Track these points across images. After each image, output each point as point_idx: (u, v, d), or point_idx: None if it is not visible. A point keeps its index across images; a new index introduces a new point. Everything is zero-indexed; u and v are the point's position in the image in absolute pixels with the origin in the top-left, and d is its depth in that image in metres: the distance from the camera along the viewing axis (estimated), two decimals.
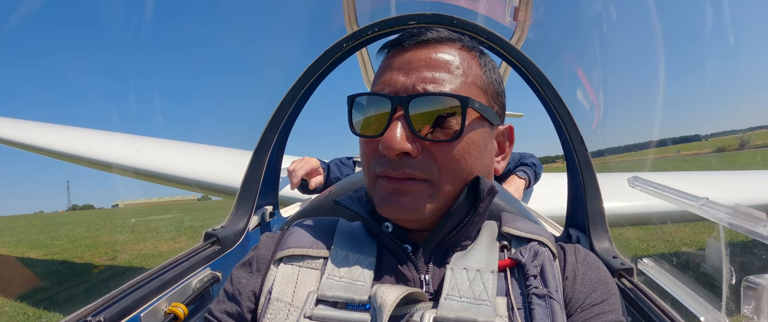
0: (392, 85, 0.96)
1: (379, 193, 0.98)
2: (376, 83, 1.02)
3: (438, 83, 0.95)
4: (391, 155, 0.92)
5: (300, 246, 1.02)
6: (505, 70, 3.91)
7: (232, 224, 1.75)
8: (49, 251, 14.84)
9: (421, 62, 0.97)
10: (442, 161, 0.94)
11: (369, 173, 1.01)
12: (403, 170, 0.93)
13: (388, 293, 0.85)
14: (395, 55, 1.02)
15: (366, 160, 1.01)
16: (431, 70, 0.96)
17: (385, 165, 0.94)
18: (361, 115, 1.01)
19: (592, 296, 0.93)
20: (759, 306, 0.77)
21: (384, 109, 0.95)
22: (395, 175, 0.94)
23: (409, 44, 1.01)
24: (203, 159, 5.45)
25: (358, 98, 1.01)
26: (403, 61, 0.99)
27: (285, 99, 1.82)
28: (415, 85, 0.94)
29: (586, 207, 1.59)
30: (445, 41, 1.02)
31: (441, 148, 0.94)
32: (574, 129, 1.61)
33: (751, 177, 5.75)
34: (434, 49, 1.00)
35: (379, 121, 0.97)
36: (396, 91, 0.95)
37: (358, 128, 1.01)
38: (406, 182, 0.94)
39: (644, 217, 4.54)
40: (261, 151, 1.84)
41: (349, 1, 2.33)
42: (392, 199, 0.96)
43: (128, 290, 1.21)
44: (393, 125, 0.92)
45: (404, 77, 0.96)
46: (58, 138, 5.97)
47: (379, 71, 1.05)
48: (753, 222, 0.85)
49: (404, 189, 0.94)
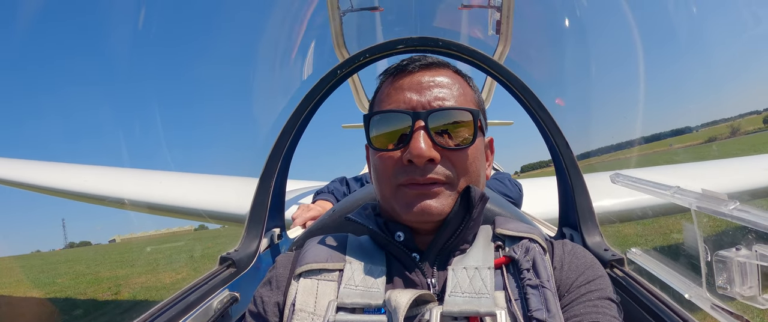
0: (407, 102, 1.10)
1: (403, 200, 1.09)
2: (388, 103, 1.14)
3: (448, 100, 1.09)
4: (421, 162, 1.04)
5: (317, 261, 1.13)
6: (492, 84, 4.03)
7: (244, 247, 1.82)
8: (51, 290, 14.75)
9: (430, 83, 1.11)
10: (459, 165, 1.08)
11: (390, 183, 1.11)
12: (429, 176, 1.05)
13: (401, 297, 0.95)
14: (401, 77, 1.15)
15: (387, 172, 1.11)
16: (441, 89, 1.11)
17: (411, 173, 1.06)
18: (380, 132, 1.13)
19: (579, 279, 1.05)
20: (730, 276, 0.88)
21: (404, 123, 1.08)
22: (422, 180, 1.06)
23: (413, 68, 1.15)
24: (205, 188, 5.51)
25: (374, 117, 1.13)
26: (413, 82, 1.13)
27: (286, 126, 1.90)
28: (430, 102, 1.08)
29: (576, 206, 1.69)
30: (442, 65, 1.18)
31: (457, 154, 1.08)
32: (559, 135, 1.71)
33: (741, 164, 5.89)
34: (435, 72, 1.15)
35: (398, 136, 1.09)
36: (412, 107, 1.09)
37: (378, 143, 1.12)
38: (432, 185, 1.06)
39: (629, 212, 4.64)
40: (266, 176, 1.92)
41: (338, 29, 2.44)
42: (417, 201, 1.07)
43: (156, 314, 1.29)
44: (417, 136, 1.04)
45: (418, 96, 1.10)
46: (55, 175, 6.01)
47: (387, 93, 1.17)
48: (717, 203, 0.95)
49: (429, 192, 1.06)
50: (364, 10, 2.56)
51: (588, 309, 0.99)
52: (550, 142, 1.74)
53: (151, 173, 6.31)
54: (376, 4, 2.61)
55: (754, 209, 0.85)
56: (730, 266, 0.87)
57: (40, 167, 6.52)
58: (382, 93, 1.19)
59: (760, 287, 0.82)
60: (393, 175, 1.09)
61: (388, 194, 1.12)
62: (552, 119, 1.71)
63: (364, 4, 2.54)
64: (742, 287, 0.85)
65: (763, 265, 0.81)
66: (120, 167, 6.60)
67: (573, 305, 1.01)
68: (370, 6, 2.58)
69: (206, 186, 5.68)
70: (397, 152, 1.08)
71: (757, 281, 0.82)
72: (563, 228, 1.86)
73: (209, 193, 5.36)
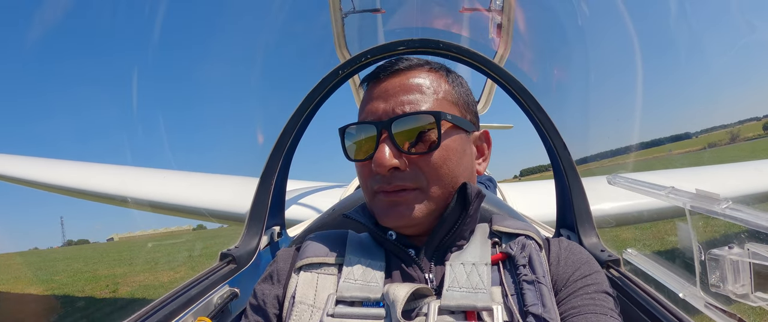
0: (374, 112, 1.12)
1: (378, 207, 1.13)
2: (361, 113, 1.18)
3: (414, 104, 1.10)
4: (383, 171, 1.06)
5: (317, 255, 1.16)
6: (492, 87, 4.05)
7: (244, 244, 1.84)
8: (49, 287, 14.75)
9: (397, 89, 1.13)
10: (427, 170, 1.08)
11: (368, 190, 1.15)
12: (396, 183, 1.08)
13: (399, 290, 0.98)
14: (373, 86, 1.18)
15: (363, 180, 1.16)
16: (406, 94, 1.11)
17: (380, 181, 1.09)
18: (352, 142, 1.17)
19: (575, 274, 1.07)
20: (723, 275, 0.90)
21: (370, 133, 1.11)
22: (389, 188, 1.08)
23: (384, 75, 1.17)
24: (207, 187, 5.53)
25: (347, 129, 1.17)
26: (381, 90, 1.15)
27: (287, 126, 1.92)
28: (394, 109, 1.10)
29: (573, 207, 1.71)
30: (414, 67, 1.18)
31: (424, 158, 1.08)
32: (558, 137, 1.73)
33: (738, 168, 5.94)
34: (406, 76, 1.15)
35: (368, 145, 1.12)
36: (379, 117, 1.11)
37: (352, 154, 1.17)
38: (400, 193, 1.08)
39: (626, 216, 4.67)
40: (267, 175, 1.94)
41: (339, 31, 2.45)
42: (390, 210, 1.10)
43: (158, 306, 1.32)
44: (381, 146, 1.07)
45: (384, 104, 1.11)
46: (58, 172, 6.01)
47: (362, 103, 1.20)
48: (711, 203, 0.97)
49: (399, 200, 1.08)
50: (366, 11, 2.57)
51: (585, 302, 1.01)
52: (548, 143, 1.76)
53: (154, 171, 6.34)
54: (378, 6, 2.62)
55: (747, 208, 0.87)
56: (723, 265, 0.89)
57: (42, 163, 6.53)
58: (361, 103, 1.22)
59: (752, 285, 0.84)
60: (368, 183, 1.13)
61: (368, 200, 1.18)
62: (550, 121, 1.73)
63: (365, 5, 2.56)
64: (735, 284, 0.86)
65: (755, 263, 0.83)
66: (123, 165, 6.61)
67: (570, 298, 1.03)
68: (371, 8, 2.60)
69: (208, 185, 5.71)
70: (368, 162, 1.11)
71: (749, 279, 0.84)
72: (560, 229, 1.88)
73: (211, 192, 5.39)
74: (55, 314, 11.05)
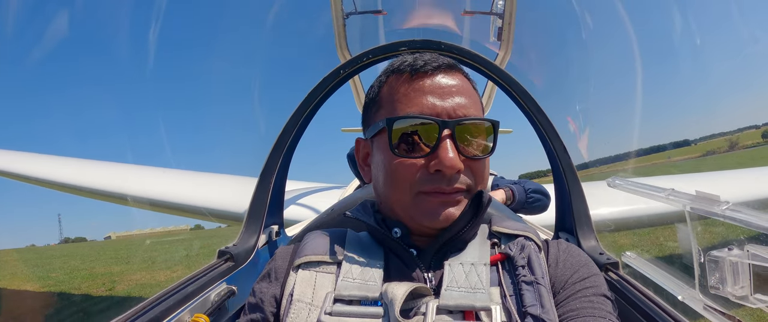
0: (431, 108, 1.07)
1: (424, 208, 1.08)
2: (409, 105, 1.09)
3: (468, 108, 1.08)
4: (451, 173, 1.04)
5: (316, 253, 1.15)
6: (492, 89, 4.05)
7: (242, 242, 1.83)
8: (46, 284, 14.72)
9: (452, 88, 1.10)
10: (478, 174, 1.09)
11: (410, 190, 1.08)
12: (455, 186, 1.06)
13: (397, 289, 0.97)
14: (419, 78, 1.11)
15: (408, 179, 1.07)
16: (461, 96, 1.09)
17: (438, 182, 1.05)
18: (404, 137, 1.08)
19: (574, 276, 1.07)
20: (722, 276, 0.89)
21: (432, 130, 1.05)
22: (449, 190, 1.06)
23: (430, 69, 1.11)
24: (206, 186, 5.53)
25: (398, 121, 1.07)
26: (434, 85, 1.10)
27: (287, 124, 1.91)
28: (455, 110, 1.07)
29: (572, 210, 1.71)
30: (455, 68, 1.16)
31: (478, 163, 1.09)
32: (558, 140, 1.73)
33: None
34: (451, 76, 1.12)
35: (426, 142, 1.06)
36: (437, 114, 1.06)
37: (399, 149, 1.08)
38: (455, 194, 1.07)
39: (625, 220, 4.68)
40: (267, 173, 1.93)
41: (340, 31, 2.45)
42: (440, 210, 1.07)
43: (155, 302, 1.31)
44: (446, 145, 1.03)
45: (441, 101, 1.07)
46: (58, 169, 6.00)
47: (405, 93, 1.11)
48: (711, 204, 0.97)
49: (453, 201, 1.07)
50: (368, 13, 2.57)
51: (584, 304, 1.01)
52: (548, 146, 1.76)
53: (154, 169, 6.33)
54: (380, 7, 2.63)
55: (747, 209, 0.87)
56: (723, 266, 0.88)
57: (41, 159, 6.52)
58: (397, 92, 1.13)
59: (751, 287, 0.84)
60: (416, 182, 1.07)
61: (407, 200, 1.09)
62: (551, 124, 1.73)
63: (367, 7, 2.56)
64: (734, 286, 0.86)
65: (755, 264, 0.83)
66: (123, 163, 6.62)
67: (568, 301, 1.03)
68: (373, 9, 2.60)
69: (208, 184, 5.70)
70: (421, 160, 1.06)
71: (748, 281, 0.84)
72: (559, 232, 1.88)
73: (211, 191, 5.38)
74: (52, 308, 11.04)
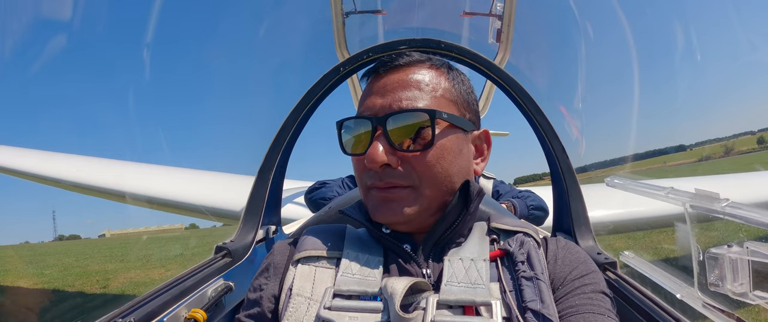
0: (371, 107, 1.12)
1: (370, 202, 1.14)
2: (360, 107, 1.17)
3: (410, 101, 1.09)
4: (375, 167, 1.07)
5: (315, 248, 1.15)
6: (491, 89, 4.06)
7: (240, 238, 1.83)
8: (39, 281, 14.66)
9: (395, 84, 1.12)
10: (420, 168, 1.08)
11: (362, 185, 1.16)
12: (388, 180, 1.08)
13: (397, 284, 0.97)
14: (373, 81, 1.18)
15: (358, 175, 1.16)
16: (404, 90, 1.10)
17: (373, 177, 1.10)
18: (349, 137, 1.16)
19: (572, 273, 1.07)
20: (722, 273, 0.90)
21: (366, 129, 1.11)
22: (381, 184, 1.09)
23: (384, 70, 1.16)
24: (204, 184, 5.52)
25: (345, 122, 1.16)
26: (380, 85, 1.14)
27: (286, 121, 1.91)
28: (390, 105, 1.09)
29: (570, 211, 1.71)
30: (415, 63, 1.17)
31: (417, 157, 1.08)
32: (556, 140, 1.73)
33: None
34: (406, 72, 1.15)
35: (363, 140, 1.12)
36: (375, 112, 1.10)
37: (348, 148, 1.16)
38: (391, 190, 1.09)
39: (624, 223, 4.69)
40: (265, 170, 1.93)
41: (340, 30, 2.45)
42: (381, 206, 1.10)
43: (152, 296, 1.30)
44: (374, 142, 1.07)
45: (381, 99, 1.11)
46: (54, 165, 5.97)
47: (362, 97, 1.19)
48: (711, 202, 0.98)
49: (390, 197, 1.09)
50: (367, 12, 2.57)
51: (583, 301, 1.01)
52: (547, 146, 1.77)
53: (152, 166, 6.32)
54: (379, 7, 2.63)
55: (747, 206, 0.87)
56: (722, 263, 0.89)
57: (37, 155, 6.48)
58: (360, 97, 1.21)
59: (751, 284, 0.85)
60: (362, 178, 1.14)
61: (362, 195, 1.18)
62: (549, 124, 1.74)
63: (367, 6, 2.56)
64: (734, 283, 0.87)
65: (755, 261, 0.84)
66: (120, 160, 6.60)
67: (567, 297, 1.03)
68: (372, 9, 2.60)
69: (205, 182, 5.69)
70: (363, 157, 1.11)
71: (748, 278, 0.85)
72: (557, 233, 1.88)
73: (208, 188, 5.37)
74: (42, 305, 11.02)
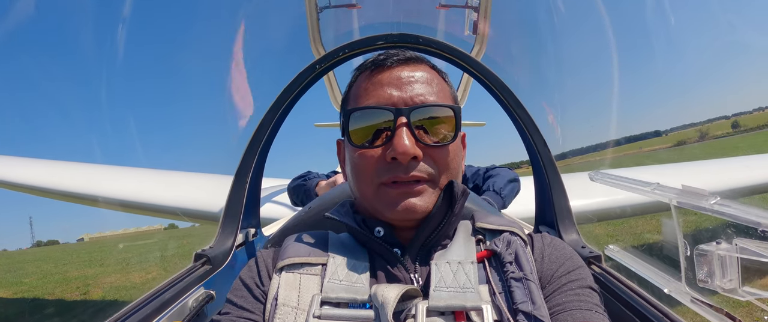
0: (389, 99, 1.07)
1: (386, 199, 1.07)
2: (366, 98, 1.11)
3: (428, 96, 1.08)
4: (405, 160, 1.03)
5: (299, 255, 1.11)
6: (467, 82, 4.05)
7: (219, 244, 1.78)
8: (18, 290, 14.40)
9: (410, 79, 1.09)
10: (440, 162, 1.07)
11: (371, 182, 1.09)
12: (413, 173, 1.04)
13: (388, 291, 0.94)
14: (379, 72, 1.13)
15: (368, 170, 1.08)
16: (420, 85, 1.09)
17: (395, 170, 1.04)
18: (361, 127, 1.09)
19: (559, 270, 1.06)
20: (711, 270, 0.89)
21: (386, 119, 1.06)
22: (405, 178, 1.04)
23: (391, 63, 1.12)
24: (180, 186, 5.44)
25: (355, 112, 1.09)
26: (392, 77, 1.10)
27: (263, 121, 1.87)
28: (412, 98, 1.06)
29: (553, 204, 1.70)
30: (420, 60, 1.16)
31: (439, 150, 1.07)
32: (537, 133, 1.72)
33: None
34: (413, 68, 1.12)
35: (382, 132, 1.07)
36: (393, 103, 1.06)
37: (357, 140, 1.10)
38: (415, 184, 1.05)
39: (606, 211, 4.73)
40: (242, 172, 1.88)
41: (314, 26, 2.42)
42: (401, 200, 1.05)
43: (131, 311, 1.25)
44: (400, 133, 1.03)
45: (398, 92, 1.07)
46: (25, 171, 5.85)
47: (365, 88, 1.13)
48: (698, 198, 0.97)
49: (413, 191, 1.05)
50: (341, 7, 2.54)
51: (570, 298, 1.00)
52: (528, 140, 1.75)
53: (125, 169, 6.22)
54: (354, 1, 2.60)
55: (735, 203, 0.87)
56: (711, 260, 0.88)
57: (9, 162, 6.33)
58: (358, 88, 1.16)
59: (739, 280, 0.84)
60: (375, 173, 1.07)
61: (370, 192, 1.10)
62: (530, 117, 1.72)
63: (341, 1, 2.53)
64: (723, 279, 0.86)
65: (743, 257, 0.83)
66: (93, 164, 6.46)
67: (555, 294, 1.02)
68: (347, 3, 2.57)
69: (181, 184, 5.61)
70: (379, 150, 1.06)
71: (737, 274, 0.84)
72: (539, 226, 1.88)
73: (184, 190, 5.29)
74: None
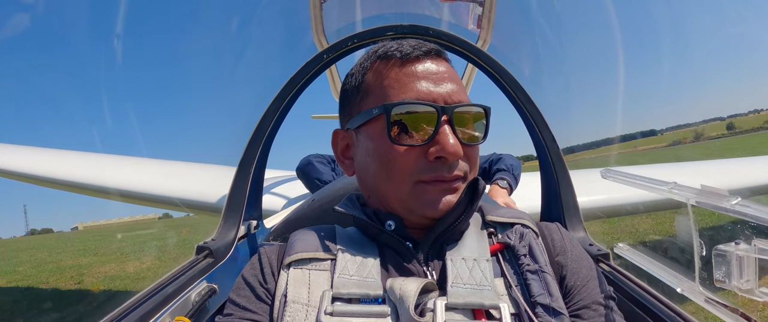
0: (429, 95, 1.02)
1: (424, 198, 1.03)
2: (403, 91, 1.04)
3: (461, 94, 1.05)
4: (454, 159, 1.00)
5: (307, 250, 1.08)
6: (470, 75, 4.03)
7: (221, 236, 1.77)
8: (12, 278, 14.35)
9: (443, 74, 1.06)
10: (472, 160, 1.06)
11: (408, 179, 1.03)
12: (456, 172, 1.02)
13: (407, 285, 0.93)
14: (411, 64, 1.07)
15: (407, 167, 1.02)
16: (453, 82, 1.06)
17: (439, 170, 1.01)
18: (403, 122, 1.02)
19: (578, 277, 1.06)
20: (729, 270, 0.89)
21: (429, 116, 1.01)
22: (449, 177, 1.02)
23: (418, 55, 1.07)
24: (181, 176, 5.42)
25: (398, 107, 1.02)
26: (426, 71, 1.06)
27: (267, 111, 1.85)
28: (450, 96, 1.03)
29: (560, 201, 1.70)
30: (440, 53, 1.12)
31: (473, 149, 1.07)
32: (546, 129, 1.71)
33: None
34: (438, 61, 1.09)
35: (424, 129, 1.01)
36: (433, 99, 1.02)
37: (399, 137, 1.02)
38: (454, 182, 1.03)
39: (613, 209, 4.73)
40: (246, 163, 1.87)
41: (317, 16, 2.40)
42: (441, 198, 1.03)
43: (134, 306, 1.24)
44: (446, 131, 1.00)
45: (435, 87, 1.03)
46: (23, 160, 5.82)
47: (396, 79, 1.06)
48: (718, 198, 0.97)
49: (451, 189, 1.03)
50: None
51: (590, 315, 1.01)
52: (536, 135, 1.74)
53: (126, 158, 6.19)
54: None
55: (755, 203, 0.86)
56: (730, 260, 0.88)
57: (5, 149, 6.29)
58: (386, 78, 1.07)
59: (757, 280, 0.84)
60: (415, 171, 1.02)
61: (405, 190, 1.04)
62: (539, 113, 1.72)
63: None
64: (740, 280, 0.86)
65: (762, 258, 0.83)
66: (93, 153, 6.41)
67: (575, 303, 1.03)
68: None
69: (180, 174, 5.57)
70: (419, 148, 1.01)
71: (754, 274, 0.84)
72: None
73: (184, 181, 5.26)
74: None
